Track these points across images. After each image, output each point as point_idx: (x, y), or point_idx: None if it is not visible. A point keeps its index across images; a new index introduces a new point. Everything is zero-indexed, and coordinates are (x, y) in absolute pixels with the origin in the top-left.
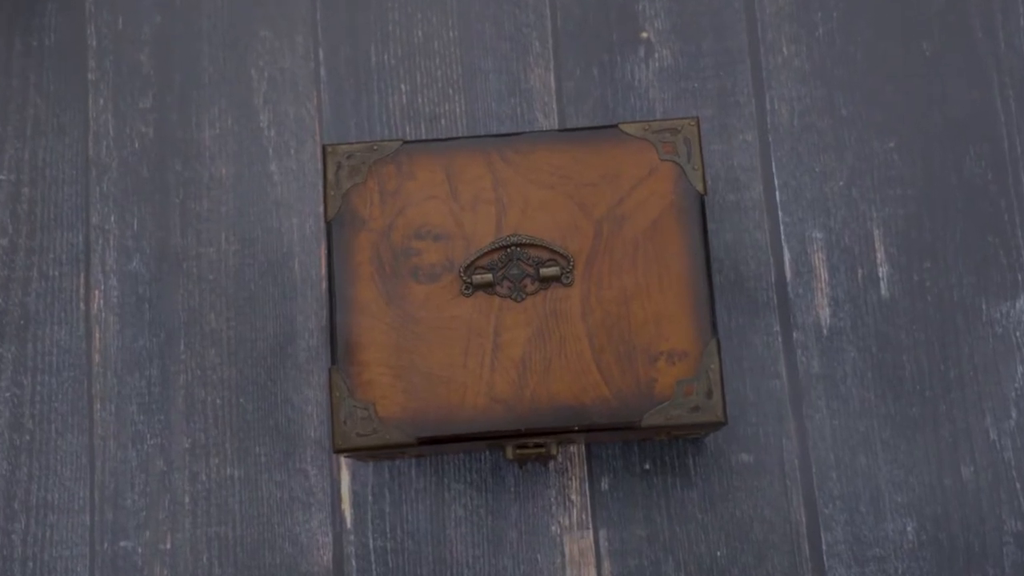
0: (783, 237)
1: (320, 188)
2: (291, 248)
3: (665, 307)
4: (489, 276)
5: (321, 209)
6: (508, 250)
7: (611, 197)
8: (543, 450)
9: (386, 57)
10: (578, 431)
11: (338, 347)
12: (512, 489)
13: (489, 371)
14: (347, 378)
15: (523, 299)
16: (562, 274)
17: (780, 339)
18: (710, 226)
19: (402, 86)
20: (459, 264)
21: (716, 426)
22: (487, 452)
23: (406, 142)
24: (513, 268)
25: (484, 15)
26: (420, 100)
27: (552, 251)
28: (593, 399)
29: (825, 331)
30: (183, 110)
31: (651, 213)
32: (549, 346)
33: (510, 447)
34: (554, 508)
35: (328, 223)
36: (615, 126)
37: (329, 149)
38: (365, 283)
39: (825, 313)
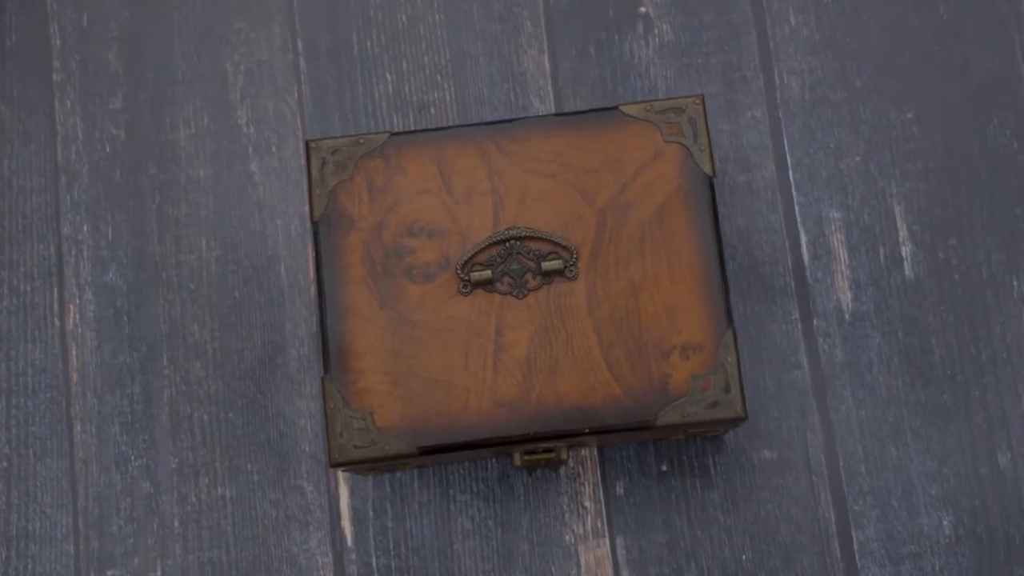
0: (799, 218)
1: (304, 187)
2: (276, 252)
3: (676, 298)
4: (488, 273)
5: (306, 209)
6: (507, 244)
7: (614, 183)
8: (552, 455)
9: (369, 44)
10: (589, 433)
11: (331, 355)
12: (521, 498)
13: (492, 373)
14: (341, 387)
15: (525, 295)
16: (565, 267)
17: (800, 327)
18: (720, 210)
19: (387, 75)
20: (455, 261)
21: (736, 422)
22: (493, 460)
23: (394, 134)
24: (513, 263)
25: None
26: (407, 89)
27: (554, 243)
28: (604, 399)
29: (847, 316)
30: (156, 110)
31: (657, 199)
32: (555, 344)
33: (517, 453)
34: (567, 516)
35: (315, 224)
36: (615, 108)
37: (313, 145)
38: (356, 285)
39: (846, 297)
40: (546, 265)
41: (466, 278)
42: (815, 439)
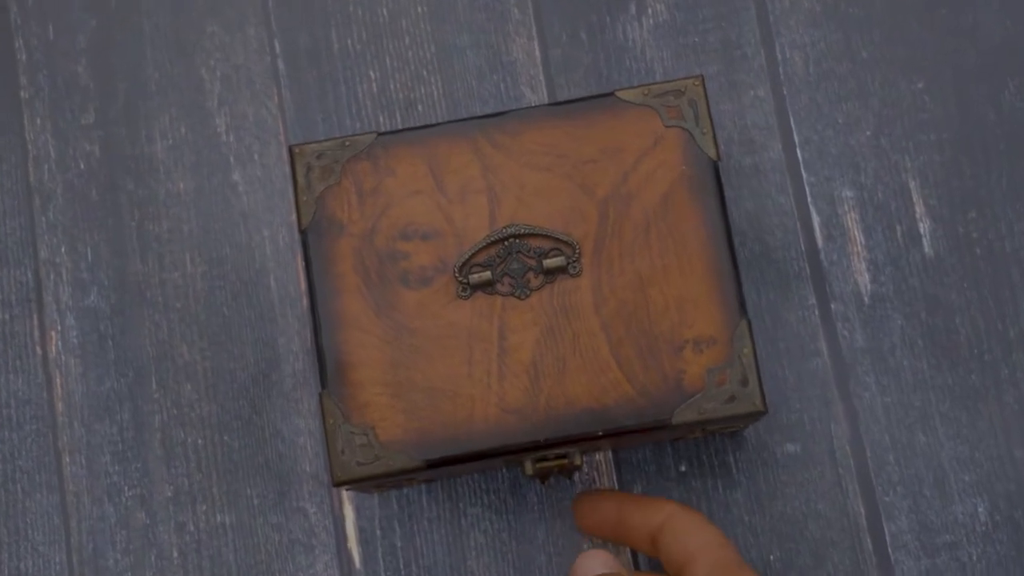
0: (810, 199)
1: (290, 195)
2: (264, 264)
3: (686, 290)
4: (487, 274)
5: (294, 218)
6: (506, 243)
7: (615, 173)
8: (566, 461)
9: (349, 42)
10: (603, 436)
11: (327, 369)
12: (536, 508)
13: (497, 379)
14: (341, 402)
15: (527, 296)
16: (568, 264)
17: (817, 313)
18: (727, 195)
19: (371, 72)
20: (453, 264)
21: (756, 416)
22: (504, 470)
23: (381, 134)
24: (513, 262)
25: None
26: (392, 86)
27: (555, 239)
28: (616, 399)
29: (866, 299)
30: (130, 123)
31: (660, 187)
32: (561, 345)
33: (529, 461)
34: None
35: (303, 232)
36: (611, 94)
37: (296, 150)
38: (350, 295)
39: (864, 279)
40: (548, 263)
41: (465, 281)
42: (839, 429)
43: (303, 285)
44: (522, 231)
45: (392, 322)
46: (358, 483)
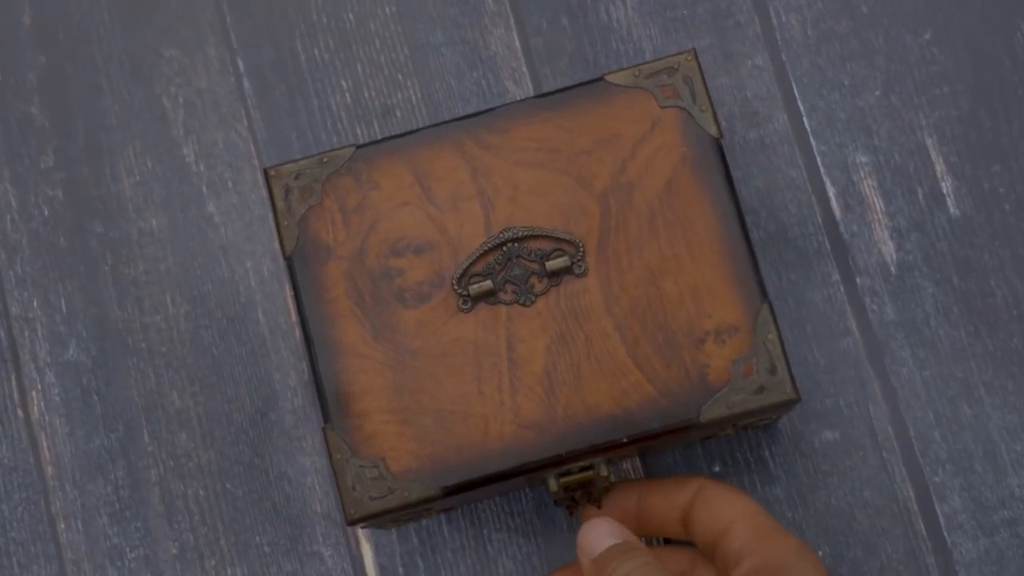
0: (822, 170)
1: (270, 221)
2: (250, 297)
3: (701, 278)
4: (488, 283)
5: (276, 245)
6: (504, 248)
7: (612, 163)
8: (591, 473)
9: (316, 52)
10: (628, 443)
11: (328, 402)
12: (565, 527)
13: (510, 394)
14: (346, 435)
15: (533, 302)
16: (573, 264)
17: (843, 289)
18: (735, 173)
19: (342, 82)
20: (450, 276)
21: (788, 405)
22: (527, 490)
23: (360, 146)
24: (514, 268)
25: None
26: (367, 94)
27: (556, 239)
28: (638, 402)
29: (893, 269)
30: (93, 161)
31: (662, 172)
32: (574, 350)
33: (552, 478)
34: None
35: (288, 259)
36: (600, 79)
37: (272, 173)
38: (345, 320)
39: (889, 248)
40: (551, 264)
41: (465, 293)
42: (879, 411)
43: (294, 316)
44: (520, 234)
45: (392, 345)
46: (374, 519)
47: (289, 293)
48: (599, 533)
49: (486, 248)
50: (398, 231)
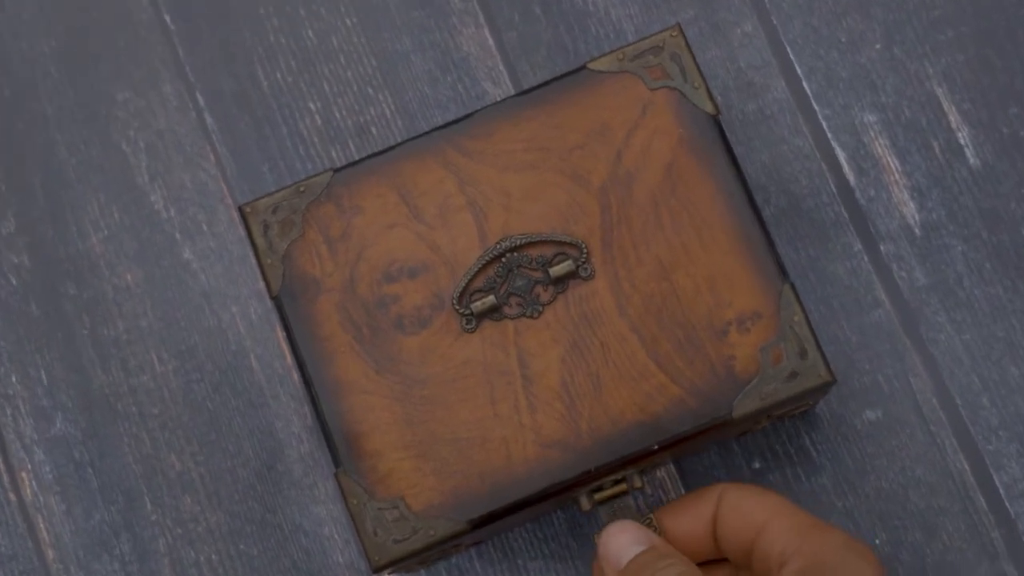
0: (829, 135)
1: (252, 261)
2: (241, 344)
3: (715, 266)
4: (491, 298)
5: (262, 285)
6: (503, 260)
7: (606, 155)
8: (624, 486)
9: (279, 76)
10: (659, 449)
11: (337, 445)
12: None
13: (528, 413)
14: (360, 478)
15: (541, 312)
16: (578, 267)
17: (866, 258)
18: (737, 151)
19: (310, 104)
20: (449, 296)
21: (824, 389)
22: (558, 512)
23: (337, 170)
24: (516, 279)
25: None
26: (338, 114)
27: (557, 243)
28: (665, 405)
29: (917, 231)
30: (57, 221)
31: (661, 159)
32: (591, 359)
33: (584, 496)
34: None
35: (275, 299)
36: (582, 68)
37: (247, 209)
38: (344, 356)
39: (910, 209)
40: (555, 270)
41: (467, 312)
42: (920, 382)
43: (289, 358)
44: (518, 242)
45: (397, 376)
46: (400, 563)
47: (281, 335)
48: (623, 541)
49: (484, 262)
50: (388, 255)
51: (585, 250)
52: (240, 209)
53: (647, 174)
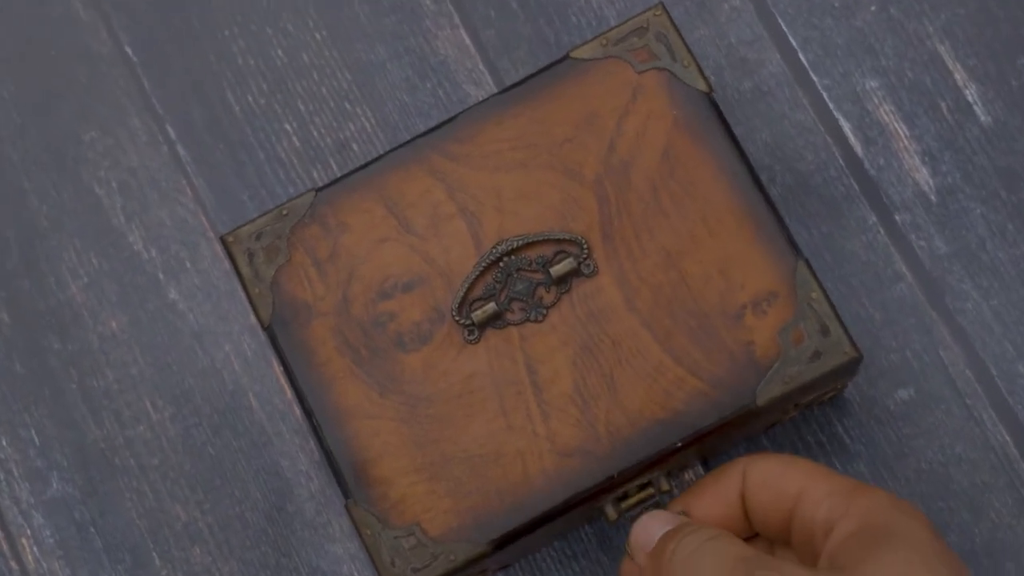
0: (831, 105)
1: (240, 294)
2: (237, 383)
3: (723, 250)
4: (492, 305)
5: (254, 320)
6: (501, 264)
7: (598, 145)
8: (652, 491)
9: (250, 99)
10: (683, 447)
11: (345, 475)
12: None
13: (542, 422)
14: (372, 507)
15: (545, 316)
16: (580, 264)
17: (882, 231)
18: (737, 131)
19: (286, 126)
20: (448, 308)
21: (851, 368)
22: (586, 527)
23: (319, 189)
24: (517, 283)
25: None
26: (316, 133)
27: (555, 241)
28: (685, 400)
29: (933, 197)
30: (33, 272)
31: (656, 143)
32: (602, 359)
33: (609, 505)
34: None
35: (267, 329)
36: (565, 58)
37: (230, 239)
38: (344, 381)
39: (923, 175)
40: (556, 270)
41: (468, 322)
42: (951, 355)
43: (288, 392)
44: (515, 244)
45: (401, 396)
46: None
47: (279, 369)
48: (654, 526)
49: (481, 268)
50: (381, 271)
51: (586, 246)
52: (222, 239)
53: (643, 160)
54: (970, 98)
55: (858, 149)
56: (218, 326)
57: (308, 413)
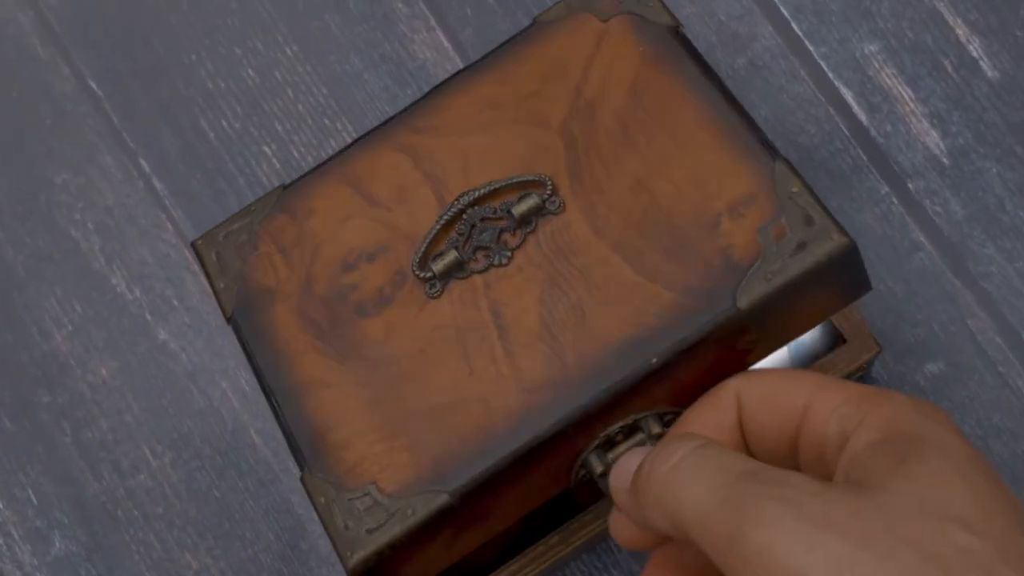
0: (830, 74)
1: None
2: (238, 420)
3: (695, 163)
4: (453, 253)
5: None
6: (464, 216)
7: (565, 94)
8: (642, 435)
9: (224, 124)
10: (661, 367)
11: (301, 447)
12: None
13: (507, 362)
14: (328, 474)
15: (510, 259)
16: (545, 202)
17: (895, 200)
18: None
19: (264, 148)
20: (410, 266)
21: (846, 263)
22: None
23: (286, 185)
24: (480, 233)
25: (317, 6)
26: (296, 152)
27: (519, 184)
28: (658, 313)
29: (945, 160)
30: (14, 325)
31: (623, 80)
32: (572, 290)
33: (593, 455)
34: None
35: (230, 320)
36: (532, 24)
37: (199, 243)
38: (304, 356)
39: (933, 138)
40: (518, 208)
41: (428, 275)
42: (979, 323)
43: None
44: (478, 194)
45: (363, 362)
46: (382, 560)
47: None
48: (635, 462)
49: (442, 223)
50: (345, 247)
51: (550, 184)
52: (193, 244)
53: (611, 99)
54: (974, 53)
55: (862, 117)
56: (213, 363)
57: (268, 395)
